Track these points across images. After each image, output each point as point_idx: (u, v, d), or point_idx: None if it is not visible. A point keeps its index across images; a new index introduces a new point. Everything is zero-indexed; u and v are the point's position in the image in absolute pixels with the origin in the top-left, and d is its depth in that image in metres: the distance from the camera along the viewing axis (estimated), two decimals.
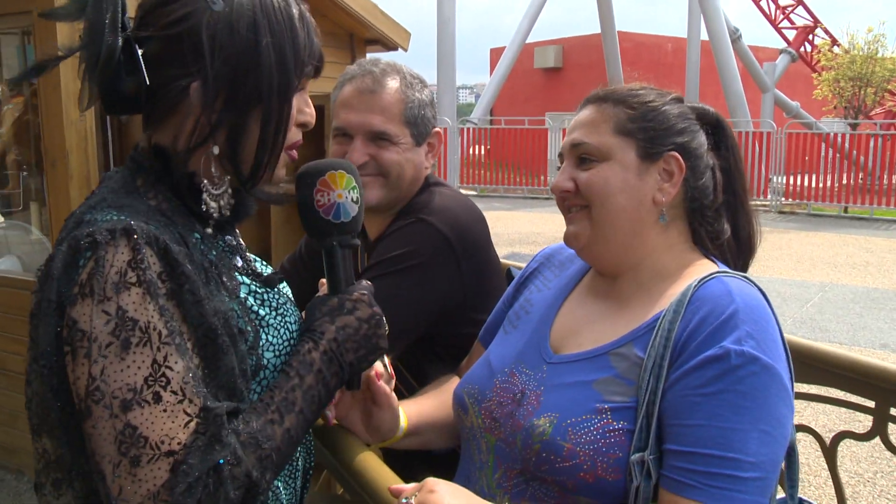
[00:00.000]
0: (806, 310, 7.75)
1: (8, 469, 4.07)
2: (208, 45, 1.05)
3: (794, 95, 25.39)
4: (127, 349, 0.93)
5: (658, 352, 1.20)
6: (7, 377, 3.92)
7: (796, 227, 13.62)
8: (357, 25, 5.00)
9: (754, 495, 1.12)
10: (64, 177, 3.29)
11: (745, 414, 1.12)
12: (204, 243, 1.11)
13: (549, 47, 30.59)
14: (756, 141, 15.89)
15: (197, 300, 1.00)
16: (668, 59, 29.45)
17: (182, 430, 0.94)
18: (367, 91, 1.75)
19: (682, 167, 1.32)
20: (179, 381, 0.94)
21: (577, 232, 1.35)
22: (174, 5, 1.07)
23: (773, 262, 10.24)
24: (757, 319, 1.17)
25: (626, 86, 1.39)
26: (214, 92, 1.06)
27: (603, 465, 1.18)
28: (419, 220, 1.72)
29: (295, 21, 1.11)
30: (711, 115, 1.42)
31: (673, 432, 1.16)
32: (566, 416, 1.23)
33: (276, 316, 1.17)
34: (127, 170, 1.12)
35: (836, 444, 1.94)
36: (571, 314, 1.41)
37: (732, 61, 20.20)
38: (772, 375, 1.14)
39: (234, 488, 0.95)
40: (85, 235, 0.97)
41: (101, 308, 0.93)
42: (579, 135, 1.36)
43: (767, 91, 23.12)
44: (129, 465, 0.91)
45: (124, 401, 0.92)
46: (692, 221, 1.37)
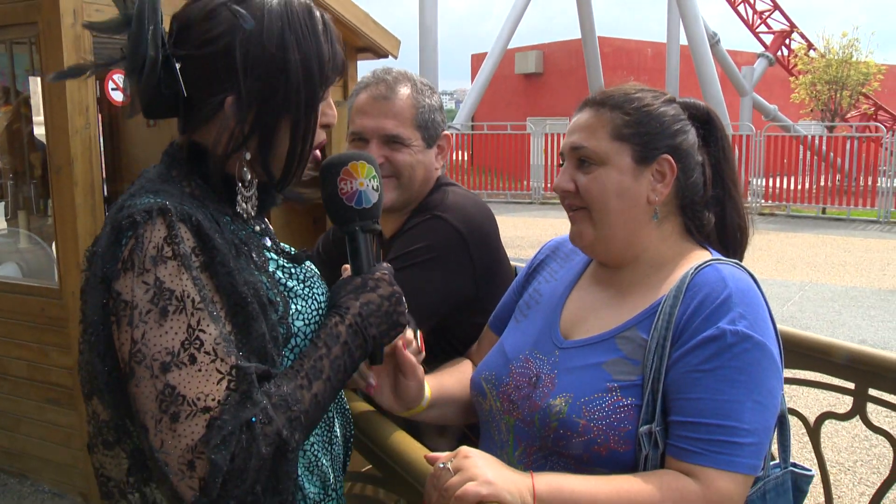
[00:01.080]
0: (787, 308, 7.93)
1: (11, 473, 4.11)
2: (241, 63, 1.13)
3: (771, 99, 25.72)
4: (165, 316, 1.02)
5: (661, 334, 1.33)
6: (9, 382, 3.96)
7: (776, 229, 13.86)
8: (349, 34, 5.09)
9: (750, 458, 1.26)
10: (69, 184, 3.36)
11: (740, 387, 1.26)
12: (234, 224, 1.21)
13: (529, 53, 30.73)
14: (735, 144, 16.09)
15: (228, 271, 1.10)
16: (647, 63, 29.72)
17: (216, 388, 1.03)
18: (381, 98, 1.88)
19: (673, 169, 1.44)
20: (212, 343, 1.04)
21: (580, 232, 1.48)
22: (209, 23, 1.14)
23: (753, 263, 10.39)
24: (748, 302, 1.31)
25: (623, 88, 1.49)
26: (247, 105, 1.15)
27: (615, 438, 1.30)
28: (434, 217, 1.85)
29: (320, 36, 1.20)
30: (702, 109, 1.52)
31: (677, 406, 1.29)
32: (580, 395, 1.35)
33: (304, 287, 1.26)
34: (162, 164, 1.22)
35: (819, 425, 2.07)
36: (578, 303, 1.53)
37: (711, 65, 20.47)
38: (763, 351, 1.28)
39: (266, 444, 1.04)
40: (125, 217, 1.07)
41: (141, 279, 1.03)
42: (579, 138, 1.46)
43: (746, 95, 23.43)
44: (170, 421, 1.01)
45: (163, 363, 1.01)
46: (683, 214, 1.49)
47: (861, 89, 22.68)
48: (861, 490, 3.89)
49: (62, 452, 3.83)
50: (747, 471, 1.26)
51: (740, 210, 1.53)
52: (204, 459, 1.00)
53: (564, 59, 29.44)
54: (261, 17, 1.15)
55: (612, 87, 1.50)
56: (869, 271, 9.99)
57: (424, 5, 19.00)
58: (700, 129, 1.51)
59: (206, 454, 1.00)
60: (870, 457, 4.30)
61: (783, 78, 27.01)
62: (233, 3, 1.15)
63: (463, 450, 1.24)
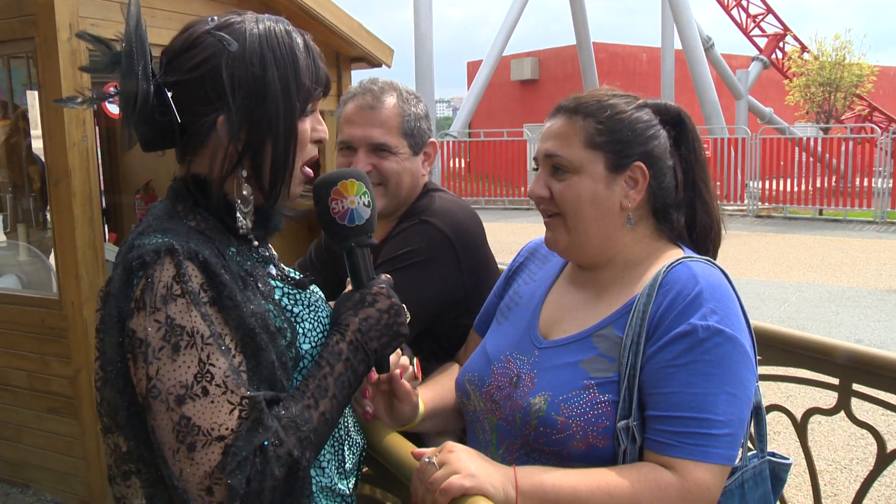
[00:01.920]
0: (784, 310, 7.97)
1: (13, 483, 4.14)
2: (228, 83, 1.19)
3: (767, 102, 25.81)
4: (177, 351, 1.09)
5: (635, 331, 1.37)
6: (11, 393, 3.99)
7: (773, 231, 13.91)
8: (342, 44, 5.14)
9: (725, 449, 1.30)
10: (67, 195, 3.40)
11: (713, 379, 1.30)
12: (239, 255, 1.26)
13: (525, 59, 30.86)
14: (731, 147, 16.20)
15: (235, 304, 1.15)
16: (643, 68, 29.83)
17: (228, 417, 1.09)
18: (368, 107, 1.94)
19: (646, 175, 1.48)
20: (222, 376, 1.10)
21: (555, 238, 1.52)
22: (195, 50, 1.20)
23: (750, 265, 10.47)
24: (719, 297, 1.35)
25: (596, 94, 1.52)
26: (238, 123, 1.20)
27: (593, 434, 1.35)
28: (422, 222, 1.91)
29: (297, 51, 1.25)
30: (673, 111, 1.56)
31: (652, 400, 1.33)
32: (558, 393, 1.40)
33: (309, 312, 1.31)
34: (168, 199, 1.27)
35: (806, 420, 2.11)
36: (556, 303, 1.58)
37: (706, 69, 20.55)
38: (734, 345, 1.33)
39: (279, 466, 1.10)
40: (136, 258, 1.13)
41: (153, 318, 1.09)
42: (553, 146, 1.50)
43: (741, 98, 23.52)
44: (187, 451, 1.07)
45: (178, 396, 1.08)
46: (655, 216, 1.53)
47: (855, 91, 22.74)
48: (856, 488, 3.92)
49: (63, 462, 3.86)
50: (723, 461, 1.30)
51: (712, 211, 1.56)
52: (221, 485, 1.06)
53: (560, 66, 29.56)
54: (243, 39, 1.21)
55: (584, 93, 1.53)
56: (866, 272, 10.03)
57: (419, 14, 19.08)
58: (671, 130, 1.54)
59: (223, 479, 1.06)
60: (866, 454, 4.33)
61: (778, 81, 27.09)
62: (216, 30, 1.22)
63: (448, 444, 1.28)
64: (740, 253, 11.40)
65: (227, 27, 1.22)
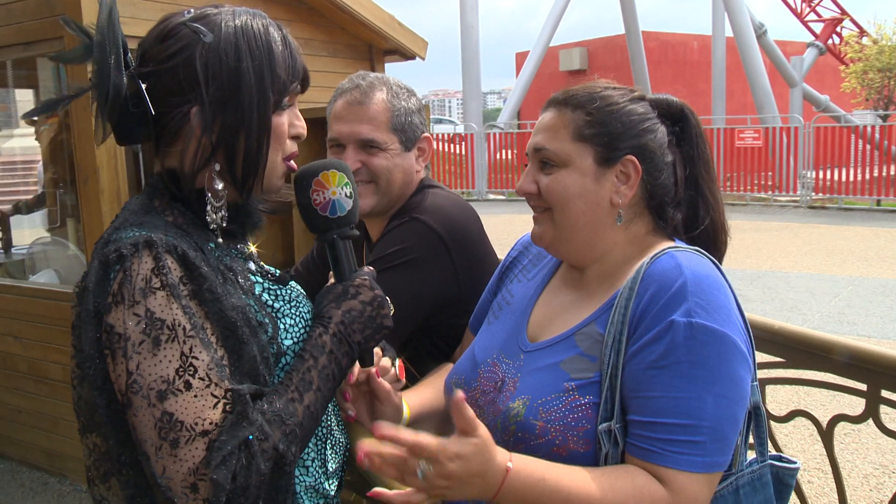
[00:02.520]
0: (834, 304, 7.72)
1: (52, 472, 4.24)
2: (202, 73, 1.17)
3: (823, 89, 25.10)
4: (158, 345, 1.06)
5: (616, 328, 1.30)
6: (49, 385, 4.08)
7: (827, 222, 13.50)
8: (375, 37, 5.13)
9: (713, 456, 1.22)
10: (95, 192, 3.46)
11: (698, 382, 1.21)
12: (219, 250, 1.24)
13: (573, 49, 30.56)
14: (784, 136, 15.78)
15: (216, 297, 1.13)
16: (693, 56, 29.27)
17: (212, 411, 1.07)
18: (356, 103, 1.89)
19: (638, 170, 1.40)
20: (205, 369, 1.08)
21: (540, 233, 1.45)
22: (170, 41, 1.19)
23: (802, 258, 10.18)
24: (705, 289, 1.26)
25: (589, 87, 1.45)
26: (212, 115, 1.18)
27: (574, 439, 1.28)
28: (412, 219, 1.86)
29: (273, 43, 1.23)
30: (676, 106, 1.48)
31: (635, 404, 1.25)
32: (537, 396, 1.33)
33: (290, 307, 1.29)
34: (145, 195, 1.25)
35: (832, 427, 2.01)
36: (547, 305, 1.51)
37: (758, 57, 20.05)
38: (723, 342, 1.23)
39: (264, 461, 1.08)
40: (112, 251, 1.10)
41: (132, 311, 1.07)
42: (541, 139, 1.44)
43: (795, 86, 22.88)
44: (170, 447, 1.05)
45: (160, 391, 1.05)
46: (652, 215, 1.45)
47: None
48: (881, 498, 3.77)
49: None
50: (708, 469, 1.22)
51: (714, 210, 1.47)
52: (206, 481, 1.04)
53: (609, 55, 29.18)
54: (218, 30, 1.20)
55: (577, 86, 1.47)
56: None
57: (465, 4, 19.04)
58: (673, 126, 1.47)
59: (207, 475, 1.04)
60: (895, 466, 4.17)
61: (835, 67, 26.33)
62: (191, 21, 1.20)
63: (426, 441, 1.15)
64: (791, 246, 11.10)
65: (202, 18, 1.21)
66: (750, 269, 9.49)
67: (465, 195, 17.83)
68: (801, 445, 4.29)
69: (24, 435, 4.32)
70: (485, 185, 17.85)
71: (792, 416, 2.14)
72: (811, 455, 4.14)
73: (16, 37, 3.70)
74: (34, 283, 4.59)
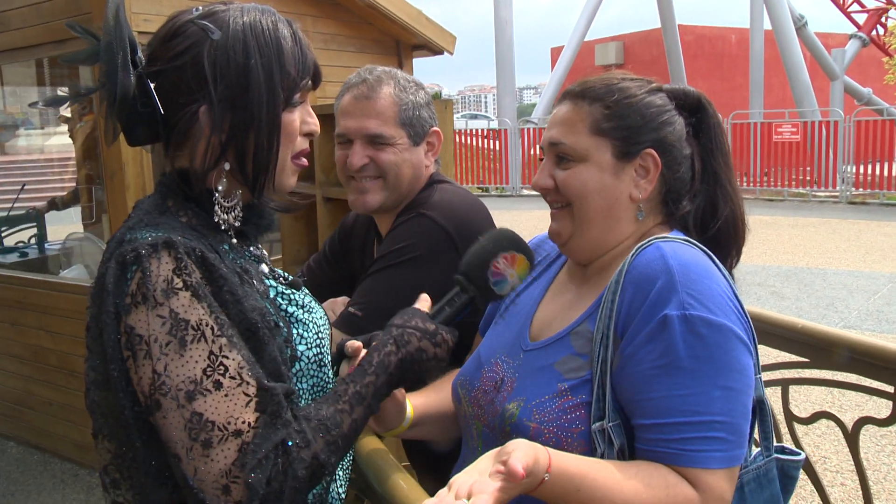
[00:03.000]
0: (873, 302, 7.53)
1: (82, 465, 4.31)
2: (210, 71, 1.15)
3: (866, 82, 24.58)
4: (184, 346, 1.04)
5: (605, 323, 1.25)
6: (78, 379, 4.14)
7: (867, 218, 13.19)
8: (403, 32, 5.12)
9: (730, 450, 1.17)
10: (121, 188, 3.49)
11: (702, 376, 1.16)
12: (233, 252, 1.22)
13: (609, 44, 30.35)
14: (824, 130, 15.46)
15: (236, 299, 1.12)
16: (731, 50, 28.83)
17: (244, 410, 1.05)
18: (363, 97, 1.86)
19: (657, 164, 1.35)
20: (236, 367, 1.06)
21: (559, 229, 1.41)
22: (178, 39, 1.17)
23: (840, 255, 9.97)
24: (695, 279, 1.20)
25: (605, 78, 1.41)
26: (220, 114, 1.16)
27: (568, 440, 1.24)
28: (419, 215, 1.83)
29: (282, 40, 1.21)
30: (693, 97, 1.43)
31: (639, 407, 1.20)
32: (531, 398, 1.30)
33: (303, 312, 1.28)
34: (157, 194, 1.24)
35: (857, 430, 1.95)
36: (551, 304, 1.47)
37: (797, 50, 19.69)
38: (722, 332, 1.18)
39: (302, 468, 1.06)
40: (129, 251, 1.08)
41: (156, 313, 1.05)
42: (557, 133, 1.39)
43: (836, 79, 22.43)
44: (202, 448, 1.02)
45: (188, 392, 1.03)
46: (665, 207, 1.40)
47: None
48: None
49: None
50: (728, 463, 1.17)
51: (733, 202, 1.42)
52: (240, 483, 1.02)
53: (645, 50, 28.91)
54: (226, 28, 1.18)
55: (594, 77, 1.42)
56: None
57: (499, 1, 18.94)
58: (690, 117, 1.42)
59: (241, 478, 1.02)
60: None
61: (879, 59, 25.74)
62: (199, 19, 1.18)
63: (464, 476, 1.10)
64: (829, 242, 10.87)
65: (210, 16, 1.19)
66: (786, 265, 9.32)
67: (499, 191, 17.78)
68: (833, 447, 4.20)
69: (55, 427, 4.39)
70: (519, 181, 17.74)
71: (816, 418, 2.08)
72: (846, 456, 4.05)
73: (46, 35, 3.75)
74: (64, 279, 4.67)
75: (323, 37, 4.77)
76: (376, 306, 1.74)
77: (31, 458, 4.49)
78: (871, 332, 6.46)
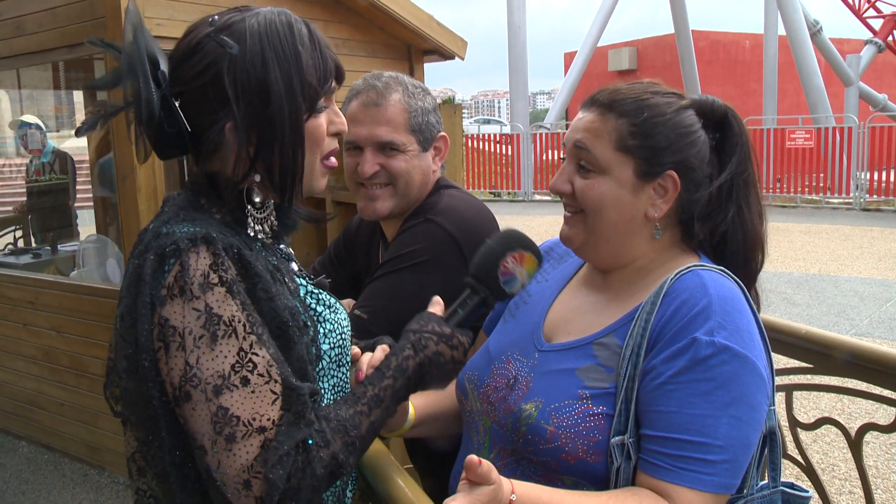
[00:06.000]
0: (885, 309, 7.49)
1: (91, 464, 4.35)
2: (231, 90, 1.15)
3: (881, 88, 24.41)
4: (215, 341, 1.06)
5: (636, 341, 1.27)
6: (89, 379, 4.19)
7: (881, 225, 13.10)
8: (414, 37, 5.13)
9: (723, 477, 1.19)
10: (133, 190, 3.53)
11: (715, 401, 1.19)
12: (265, 250, 1.24)
13: (623, 49, 30.29)
14: (838, 136, 15.38)
15: (269, 297, 1.14)
16: (745, 56, 28.72)
17: (270, 408, 1.07)
18: (372, 104, 1.86)
19: (677, 185, 1.35)
20: (265, 365, 1.08)
21: (571, 235, 1.42)
22: (196, 57, 1.17)
23: (852, 262, 9.91)
24: (729, 311, 1.23)
25: (636, 90, 1.39)
26: (246, 130, 1.17)
27: (583, 448, 1.26)
28: (426, 220, 1.84)
29: (301, 47, 1.20)
30: (719, 112, 1.41)
31: (649, 418, 1.23)
32: (550, 401, 1.31)
33: (329, 312, 1.30)
34: (189, 191, 1.25)
35: (861, 436, 1.94)
36: (566, 305, 1.48)
37: (811, 56, 19.60)
38: (743, 363, 1.21)
39: (321, 466, 1.08)
40: (169, 244, 1.10)
41: (192, 306, 1.06)
42: (583, 138, 1.38)
43: (851, 84, 22.29)
44: (226, 442, 1.04)
45: (216, 386, 1.05)
46: (681, 224, 1.40)
47: None
48: None
49: None
50: (716, 489, 1.19)
51: (747, 220, 1.40)
52: (261, 479, 1.04)
53: (658, 55, 28.85)
54: (243, 40, 1.17)
55: (624, 87, 1.40)
56: None
57: (513, 4, 18.95)
58: (714, 132, 1.40)
59: (262, 473, 1.04)
60: None
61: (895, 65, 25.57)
62: (216, 32, 1.18)
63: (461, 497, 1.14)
64: (841, 249, 10.80)
65: (227, 29, 1.18)
66: (797, 272, 9.27)
67: (511, 196, 17.77)
68: (842, 455, 4.18)
69: (66, 427, 4.43)
70: (531, 186, 17.73)
71: (819, 424, 2.08)
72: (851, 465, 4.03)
73: (60, 39, 3.79)
74: (76, 280, 4.72)
75: (334, 41, 4.78)
76: (382, 309, 1.76)
77: (41, 458, 4.53)
78: (883, 339, 6.42)
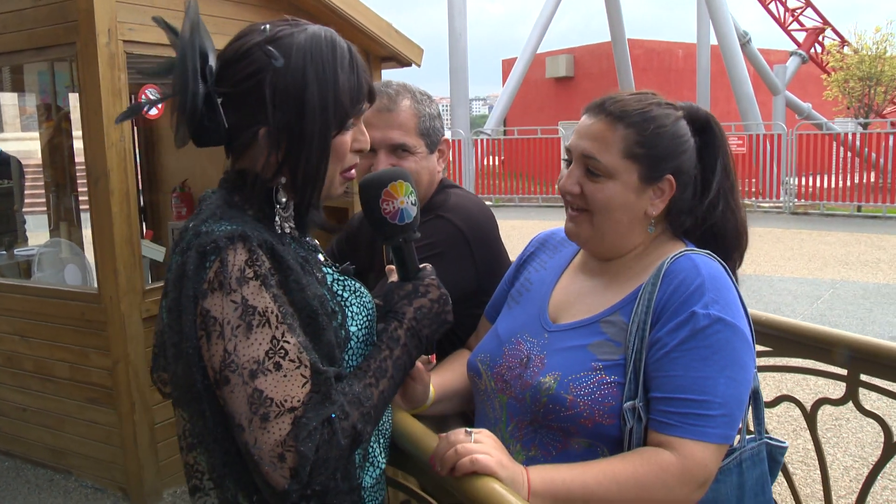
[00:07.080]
0: (816, 307, 7.90)
1: (57, 470, 4.31)
2: (270, 99, 1.26)
3: (805, 97, 25.43)
4: (251, 330, 1.18)
5: (640, 317, 1.47)
6: (53, 383, 4.15)
7: (809, 227, 13.72)
8: (372, 44, 5.21)
9: (722, 429, 1.39)
10: (105, 193, 3.55)
11: (713, 364, 1.40)
12: (294, 243, 1.36)
13: (560, 57, 30.78)
14: (767, 143, 16.02)
15: (300, 288, 1.25)
16: (678, 64, 29.57)
17: (300, 390, 1.18)
18: (385, 110, 2.02)
19: (673, 187, 1.56)
20: (296, 352, 1.19)
21: (576, 231, 1.61)
22: (243, 63, 1.28)
23: (784, 263, 10.38)
24: (719, 287, 1.45)
25: (640, 102, 1.57)
26: (278, 136, 1.28)
27: (599, 412, 1.44)
28: (437, 217, 2.01)
29: (340, 70, 1.30)
30: (702, 118, 1.63)
31: (656, 382, 1.42)
32: (567, 373, 1.49)
33: (355, 297, 1.41)
34: (224, 190, 1.36)
35: (815, 410, 2.15)
36: (566, 289, 1.67)
37: (742, 65, 20.34)
38: (734, 332, 1.42)
39: (344, 437, 1.21)
40: (210, 242, 1.21)
41: (230, 299, 1.18)
42: (591, 148, 1.55)
43: (778, 93, 23.21)
44: (260, 421, 1.16)
45: (252, 370, 1.17)
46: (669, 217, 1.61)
47: None
48: (884, 484, 3.92)
49: (103, 450, 4.03)
50: (719, 440, 1.39)
51: (732, 214, 1.62)
52: (293, 452, 1.16)
53: (595, 63, 29.43)
54: (289, 55, 1.28)
55: (627, 97, 1.57)
56: None
57: (454, 10, 19.12)
58: (697, 137, 1.60)
59: (294, 447, 1.16)
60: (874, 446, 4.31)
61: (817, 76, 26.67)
62: (265, 43, 1.28)
63: (487, 431, 1.37)
64: (775, 250, 11.29)
65: (276, 41, 1.28)
66: None
67: None
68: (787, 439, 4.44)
69: (29, 433, 4.39)
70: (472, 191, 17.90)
71: (779, 401, 2.29)
72: (794, 449, 4.30)
73: (27, 42, 3.78)
74: (39, 283, 4.68)
75: None
76: None
77: (1, 465, 4.48)
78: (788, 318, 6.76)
